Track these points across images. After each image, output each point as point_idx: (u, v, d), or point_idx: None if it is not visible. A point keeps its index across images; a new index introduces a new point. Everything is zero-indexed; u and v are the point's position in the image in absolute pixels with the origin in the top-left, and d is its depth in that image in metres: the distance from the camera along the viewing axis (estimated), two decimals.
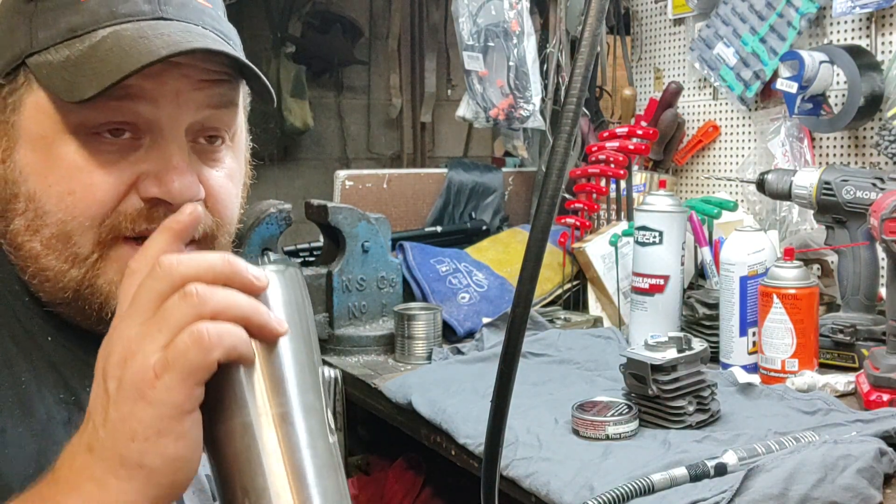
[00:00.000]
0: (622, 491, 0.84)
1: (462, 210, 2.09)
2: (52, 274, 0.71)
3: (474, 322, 1.65)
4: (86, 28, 0.70)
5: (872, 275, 1.40)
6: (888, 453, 0.95)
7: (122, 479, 0.57)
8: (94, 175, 0.70)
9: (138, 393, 0.56)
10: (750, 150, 1.94)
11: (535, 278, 0.61)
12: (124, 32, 0.69)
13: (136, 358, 0.56)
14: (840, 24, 1.73)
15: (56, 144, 0.70)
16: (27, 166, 0.71)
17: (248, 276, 0.60)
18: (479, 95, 2.05)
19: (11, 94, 0.71)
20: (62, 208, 0.70)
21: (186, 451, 0.57)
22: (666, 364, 1.11)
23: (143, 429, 0.56)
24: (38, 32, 0.70)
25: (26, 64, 0.70)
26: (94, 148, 0.70)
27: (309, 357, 0.62)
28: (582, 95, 0.59)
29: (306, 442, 0.59)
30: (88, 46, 0.69)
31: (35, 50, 0.70)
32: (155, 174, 0.71)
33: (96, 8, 0.70)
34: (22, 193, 0.71)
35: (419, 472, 1.68)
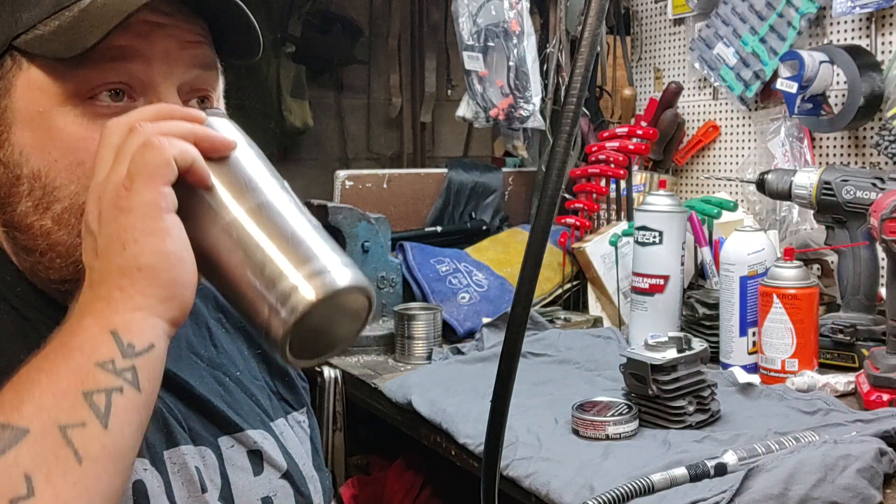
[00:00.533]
0: (622, 491, 0.84)
1: (462, 210, 2.09)
2: (64, 249, 0.72)
3: (474, 322, 1.65)
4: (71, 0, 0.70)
5: (872, 275, 1.40)
6: (888, 453, 0.95)
7: (124, 287, 0.61)
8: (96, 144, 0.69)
9: (117, 209, 0.61)
10: (750, 150, 1.94)
11: (535, 278, 0.61)
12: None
13: (107, 189, 0.62)
14: (840, 24, 1.73)
15: (54, 118, 0.70)
16: (27, 146, 0.71)
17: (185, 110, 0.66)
18: (479, 95, 2.05)
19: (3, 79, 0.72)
20: (73, 180, 0.70)
21: (175, 247, 0.62)
22: (666, 364, 1.11)
23: (130, 234, 0.61)
24: (21, 15, 0.71)
25: (13, 47, 0.71)
26: (92, 114, 0.70)
27: (268, 167, 0.66)
28: (582, 95, 0.59)
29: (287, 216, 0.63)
30: (79, 10, 0.69)
31: (20, 31, 0.71)
32: None
33: None
34: (25, 175, 0.71)
35: (419, 472, 1.68)
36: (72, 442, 0.57)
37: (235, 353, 0.93)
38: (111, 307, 0.61)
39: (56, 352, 0.61)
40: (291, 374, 1.01)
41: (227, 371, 0.90)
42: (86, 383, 0.59)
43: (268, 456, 0.88)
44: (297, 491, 0.90)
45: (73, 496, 0.57)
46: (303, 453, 0.94)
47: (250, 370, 0.94)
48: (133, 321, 0.60)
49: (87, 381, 0.59)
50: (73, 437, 0.57)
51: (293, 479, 0.90)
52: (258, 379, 0.95)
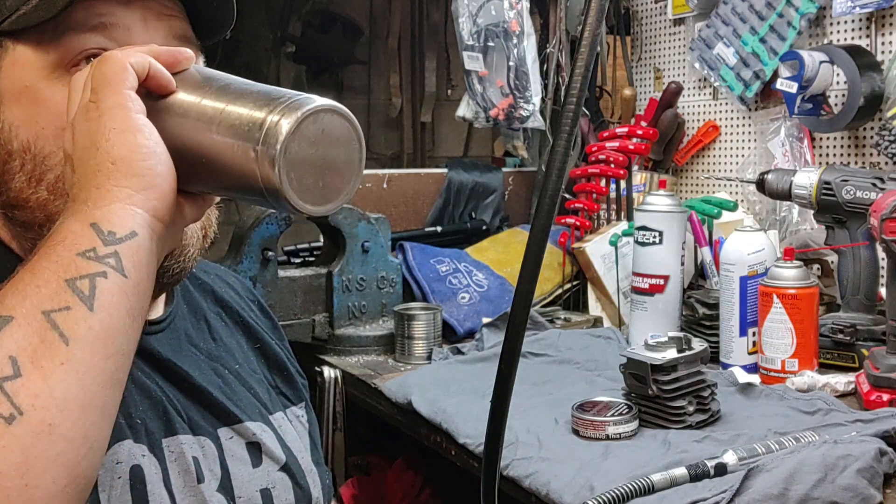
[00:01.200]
0: (622, 491, 0.84)
1: (462, 210, 2.09)
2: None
3: (474, 322, 1.65)
4: None
5: (872, 275, 1.40)
6: (888, 453, 0.95)
7: (102, 183, 0.62)
8: None
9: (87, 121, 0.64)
10: (750, 150, 1.94)
11: (535, 278, 0.62)
12: None
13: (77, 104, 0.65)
14: (840, 24, 1.73)
15: (40, 89, 0.73)
16: (15, 121, 0.73)
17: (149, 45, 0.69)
18: (479, 95, 2.05)
19: None
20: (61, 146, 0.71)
21: (147, 141, 0.63)
22: (666, 364, 1.11)
23: (101, 135, 0.63)
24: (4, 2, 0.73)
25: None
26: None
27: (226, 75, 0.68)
28: (582, 95, 0.59)
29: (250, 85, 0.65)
30: None
31: (4, 17, 0.73)
32: None
33: None
34: (16, 150, 0.73)
35: (419, 472, 1.68)
36: (57, 325, 0.58)
37: (234, 346, 0.94)
38: (90, 204, 0.62)
39: (39, 253, 0.61)
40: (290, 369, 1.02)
41: (225, 363, 0.91)
42: (68, 272, 0.59)
43: (266, 448, 0.88)
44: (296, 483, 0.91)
45: (61, 375, 0.57)
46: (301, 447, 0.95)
47: (249, 363, 0.95)
48: (112, 212, 0.61)
49: (69, 269, 0.59)
50: (57, 321, 0.58)
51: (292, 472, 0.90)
52: (257, 372, 0.95)
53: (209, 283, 0.98)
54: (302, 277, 1.60)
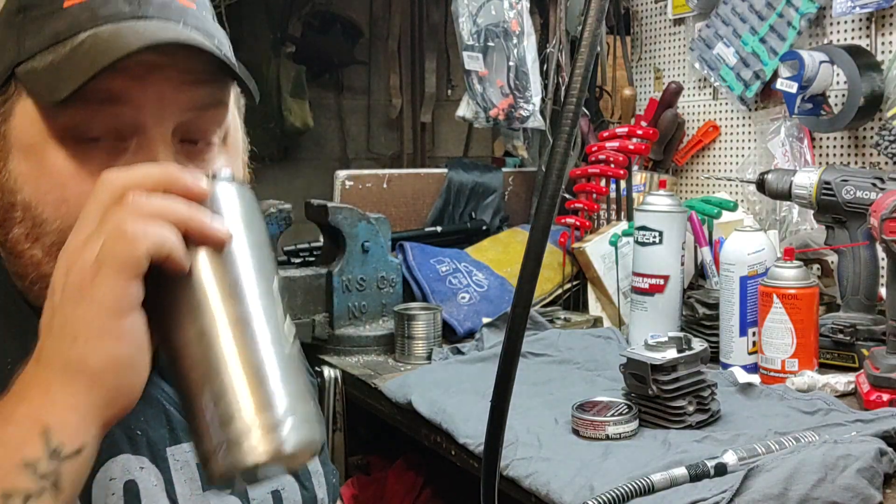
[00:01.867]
0: (622, 491, 0.84)
1: (462, 210, 2.09)
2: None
3: (474, 322, 1.65)
4: (69, 32, 0.70)
5: (872, 275, 1.40)
6: (888, 453, 0.95)
7: (66, 383, 0.59)
8: (84, 183, 0.68)
9: (79, 293, 0.58)
10: (750, 150, 1.94)
11: (535, 278, 0.62)
12: (102, 34, 0.69)
13: (76, 263, 0.59)
14: (840, 24, 1.73)
15: (45, 152, 0.70)
16: (21, 175, 0.71)
17: (187, 182, 0.61)
18: (478, 95, 2.05)
19: (4, 104, 0.72)
20: (59, 216, 0.69)
21: (129, 352, 0.59)
22: (666, 364, 1.11)
23: (84, 328, 0.58)
24: (24, 41, 0.71)
25: (15, 73, 0.71)
26: (82, 154, 0.70)
27: (262, 264, 0.62)
28: (582, 95, 0.59)
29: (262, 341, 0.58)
30: (69, 49, 0.69)
31: (22, 59, 0.70)
32: None
33: (78, 12, 0.70)
34: (18, 202, 0.71)
35: (419, 473, 1.68)
36: None
37: None
38: (48, 400, 0.58)
39: None
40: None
41: None
42: (4, 483, 0.57)
43: None
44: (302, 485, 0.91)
45: None
46: None
47: None
48: (66, 422, 0.58)
49: (5, 480, 0.57)
50: None
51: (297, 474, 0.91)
52: None
53: None
54: (302, 277, 1.60)
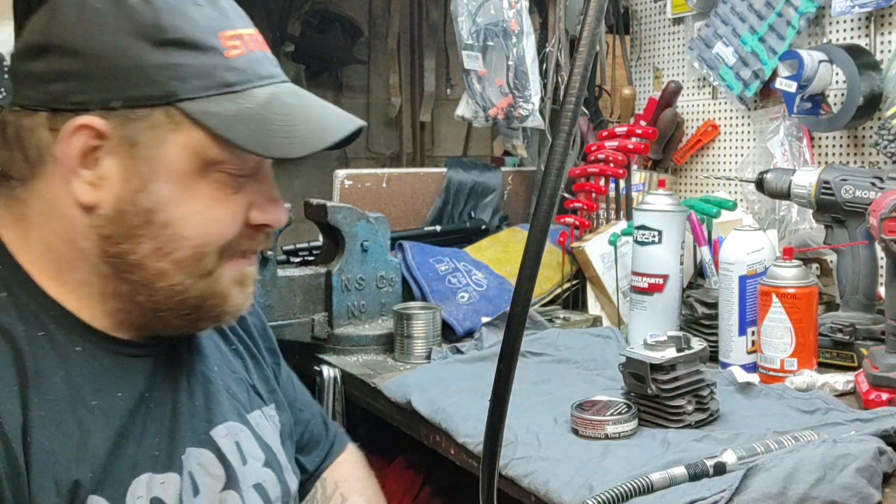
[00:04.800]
0: (621, 490, 0.84)
1: (461, 209, 2.09)
2: (180, 288, 0.83)
3: (473, 321, 1.64)
4: (241, 85, 0.81)
5: (871, 274, 1.40)
6: (887, 452, 0.95)
7: None
8: (230, 204, 0.83)
9: None
10: (749, 150, 1.94)
11: (534, 277, 0.62)
12: (283, 97, 0.84)
13: None
14: (839, 24, 1.73)
15: (195, 179, 0.80)
16: (165, 197, 0.80)
17: None
18: (478, 95, 2.05)
19: (151, 129, 0.79)
20: (204, 233, 0.82)
21: None
22: (665, 363, 1.11)
23: None
24: (189, 81, 0.78)
25: (176, 107, 0.78)
26: (222, 182, 0.82)
27: None
28: (581, 94, 0.59)
29: None
30: (257, 105, 0.81)
31: (188, 97, 0.79)
32: (260, 204, 0.86)
33: (243, 67, 0.82)
34: (157, 221, 0.80)
35: (418, 472, 1.68)
36: None
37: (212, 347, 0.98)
38: None
39: None
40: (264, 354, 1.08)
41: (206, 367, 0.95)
42: None
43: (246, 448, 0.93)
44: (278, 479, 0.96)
45: None
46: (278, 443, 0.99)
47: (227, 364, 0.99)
48: None
49: None
50: None
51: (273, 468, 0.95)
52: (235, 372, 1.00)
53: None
54: (301, 277, 1.60)
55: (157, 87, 0.78)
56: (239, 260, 0.87)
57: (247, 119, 0.80)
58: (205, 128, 0.79)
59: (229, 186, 0.83)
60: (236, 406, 0.96)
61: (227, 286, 0.86)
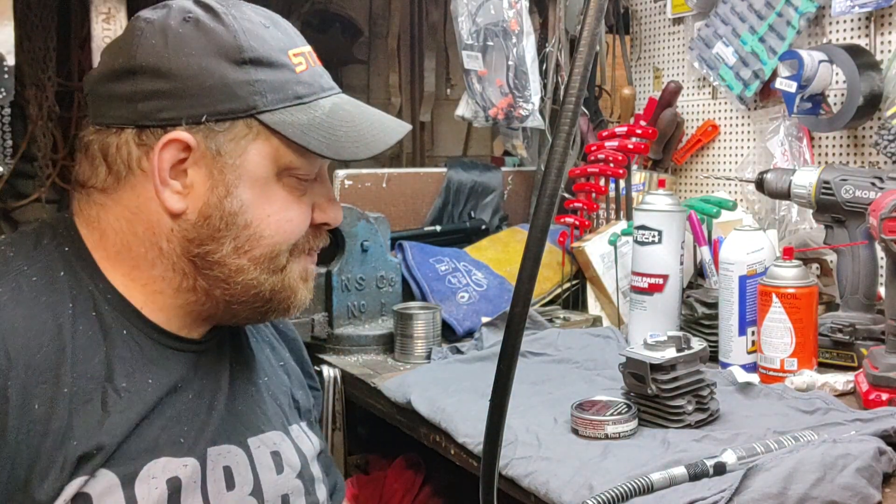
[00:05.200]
0: (621, 490, 0.84)
1: (461, 209, 2.09)
2: (255, 282, 0.89)
3: (473, 321, 1.64)
4: (309, 97, 0.90)
5: (871, 274, 1.40)
6: (887, 452, 0.95)
7: None
8: (301, 206, 0.91)
9: None
10: (749, 150, 1.94)
11: (534, 277, 0.62)
12: (345, 105, 0.92)
13: None
14: (839, 24, 1.73)
15: (270, 183, 0.88)
16: (247, 201, 0.87)
17: None
18: (478, 95, 2.05)
19: (235, 140, 0.86)
20: (279, 232, 0.89)
21: None
22: (665, 363, 1.11)
23: None
24: (266, 94, 0.86)
25: (256, 118, 0.86)
26: (292, 186, 0.90)
27: None
28: (581, 94, 0.59)
29: None
30: (324, 115, 0.89)
31: (267, 109, 0.86)
32: (320, 204, 0.93)
33: (310, 80, 0.91)
34: (239, 223, 0.87)
35: (418, 472, 1.68)
36: None
37: (264, 359, 1.03)
38: None
39: None
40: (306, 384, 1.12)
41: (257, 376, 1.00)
42: None
43: (286, 457, 0.96)
44: (307, 490, 0.98)
45: None
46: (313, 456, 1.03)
47: (277, 376, 1.04)
48: None
49: None
50: None
51: (304, 480, 0.98)
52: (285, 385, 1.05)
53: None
54: None
55: (240, 102, 0.85)
56: (305, 257, 0.95)
57: (317, 126, 0.87)
58: (281, 136, 0.86)
59: (298, 189, 0.90)
60: (281, 416, 1.00)
61: (295, 281, 0.93)
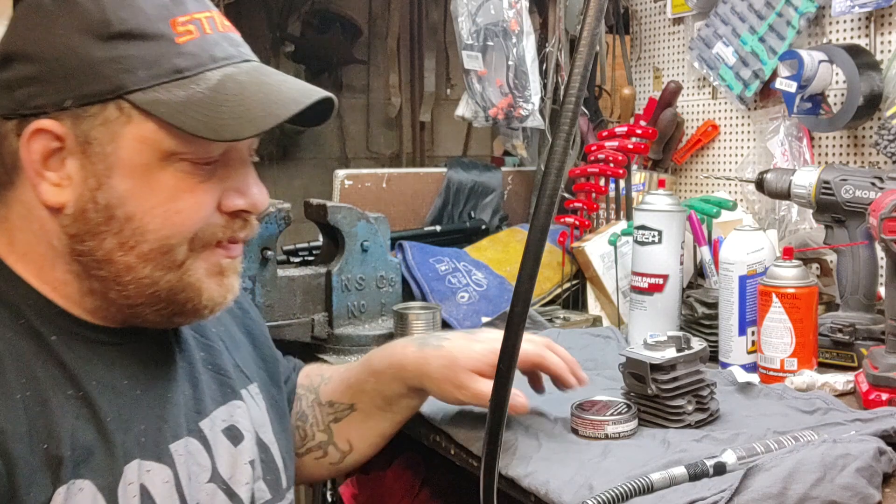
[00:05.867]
0: (621, 490, 0.84)
1: (461, 209, 2.09)
2: (149, 281, 0.82)
3: (473, 321, 1.65)
4: (192, 70, 0.79)
5: (871, 274, 1.40)
6: (887, 452, 0.95)
7: None
8: (195, 194, 0.81)
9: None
10: (749, 150, 1.94)
11: (534, 277, 0.62)
12: (238, 76, 0.81)
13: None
14: (839, 24, 1.73)
15: (155, 171, 0.79)
16: (125, 192, 0.79)
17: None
18: (478, 95, 2.05)
19: (104, 125, 0.78)
20: (167, 225, 0.80)
21: None
22: (665, 363, 1.11)
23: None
24: (136, 71, 0.77)
25: (126, 99, 0.77)
26: (185, 172, 0.80)
27: None
28: (581, 94, 0.59)
29: None
30: (208, 89, 0.79)
31: (137, 87, 0.77)
32: (236, 189, 0.84)
33: (195, 51, 0.80)
34: (118, 216, 0.79)
35: (418, 472, 1.68)
36: None
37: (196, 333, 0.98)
38: None
39: None
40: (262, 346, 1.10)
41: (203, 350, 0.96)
42: None
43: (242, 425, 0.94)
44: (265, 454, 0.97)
45: None
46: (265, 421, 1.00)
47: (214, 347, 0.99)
48: None
49: None
50: None
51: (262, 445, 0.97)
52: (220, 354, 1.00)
53: None
54: (301, 277, 1.60)
55: (106, 82, 0.77)
56: (215, 250, 0.86)
57: (196, 103, 0.78)
58: (154, 117, 0.78)
59: (195, 175, 0.81)
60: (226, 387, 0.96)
61: (199, 279, 0.85)
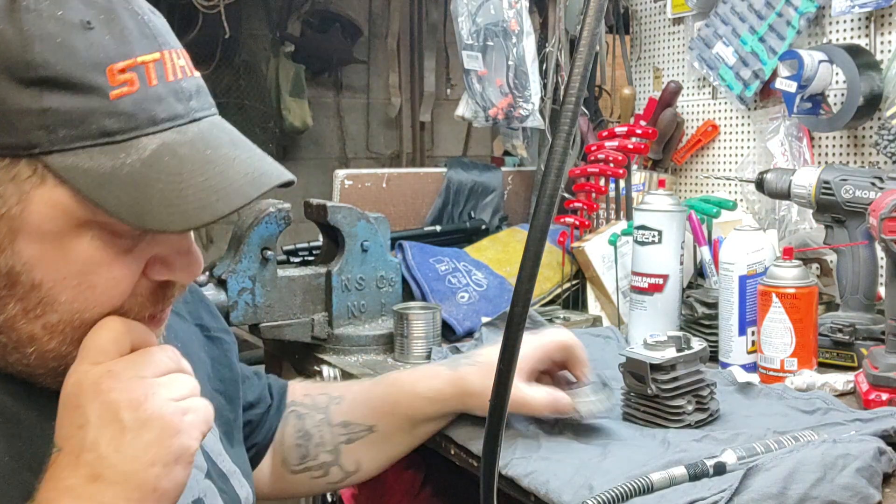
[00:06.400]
0: (621, 490, 0.84)
1: (461, 209, 2.09)
2: (52, 355, 0.72)
3: (473, 321, 1.64)
4: (123, 134, 0.67)
5: (871, 274, 1.40)
6: (887, 452, 0.95)
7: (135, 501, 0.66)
8: (113, 268, 0.70)
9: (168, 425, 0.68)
10: (749, 150, 1.94)
11: (534, 277, 0.62)
12: (179, 148, 0.68)
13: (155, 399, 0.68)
14: (839, 24, 1.73)
15: (69, 239, 0.68)
16: (32, 258, 0.68)
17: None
18: (478, 95, 2.05)
19: (15, 182, 0.67)
20: (80, 300, 0.70)
21: (187, 480, 0.69)
22: (665, 363, 1.11)
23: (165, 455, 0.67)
24: (56, 129, 0.65)
25: (40, 159, 0.66)
26: (106, 241, 0.69)
27: None
28: (581, 94, 0.59)
29: None
30: (139, 161, 0.67)
31: (55, 148, 0.66)
32: (163, 258, 0.73)
33: (131, 110, 0.67)
34: (23, 282, 0.69)
35: (418, 471, 1.68)
36: None
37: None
38: None
39: None
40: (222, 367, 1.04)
41: None
42: None
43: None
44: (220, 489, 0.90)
45: None
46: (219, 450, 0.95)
47: None
48: None
49: None
50: None
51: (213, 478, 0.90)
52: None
53: None
54: (301, 277, 1.60)
55: (19, 136, 0.65)
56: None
57: (122, 178, 0.66)
58: (71, 186, 0.66)
59: (114, 246, 0.70)
60: None
61: None
